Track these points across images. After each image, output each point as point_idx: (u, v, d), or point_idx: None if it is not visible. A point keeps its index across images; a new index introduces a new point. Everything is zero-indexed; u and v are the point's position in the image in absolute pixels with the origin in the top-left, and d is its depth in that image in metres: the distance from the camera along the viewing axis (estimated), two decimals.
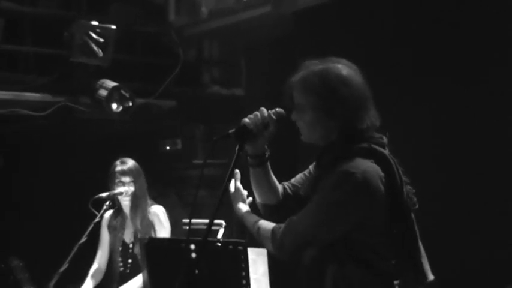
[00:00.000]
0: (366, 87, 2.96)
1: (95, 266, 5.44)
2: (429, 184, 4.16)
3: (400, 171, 2.93)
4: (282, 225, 2.92)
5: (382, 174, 2.86)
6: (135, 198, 5.30)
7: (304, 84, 2.94)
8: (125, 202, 5.33)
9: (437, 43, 5.64)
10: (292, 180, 3.25)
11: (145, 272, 3.88)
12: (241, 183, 3.19)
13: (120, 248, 5.33)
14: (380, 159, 2.90)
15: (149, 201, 5.39)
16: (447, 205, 5.40)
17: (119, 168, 5.31)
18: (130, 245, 5.29)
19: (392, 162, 2.92)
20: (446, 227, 5.36)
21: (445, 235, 5.23)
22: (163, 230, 5.30)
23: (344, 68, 2.95)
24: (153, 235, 5.25)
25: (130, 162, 5.37)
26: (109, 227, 5.44)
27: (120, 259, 5.32)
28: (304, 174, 3.24)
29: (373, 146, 2.92)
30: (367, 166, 2.85)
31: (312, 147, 3.09)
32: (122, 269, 5.30)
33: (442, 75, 5.57)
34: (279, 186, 3.21)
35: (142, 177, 5.38)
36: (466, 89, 5.41)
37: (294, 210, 2.99)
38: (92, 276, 5.40)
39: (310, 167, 3.21)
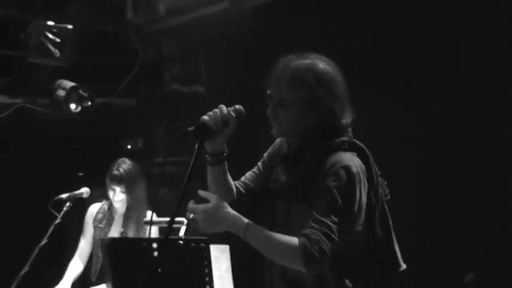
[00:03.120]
0: (346, 84, 3.00)
1: (75, 260, 5.46)
2: (401, 176, 4.20)
3: (375, 163, 3.00)
4: (308, 236, 2.75)
5: (363, 166, 2.92)
6: (128, 207, 5.40)
7: (295, 79, 2.92)
8: (117, 205, 5.36)
9: (404, 35, 5.68)
10: (243, 178, 3.21)
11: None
12: (199, 181, 3.09)
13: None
14: (360, 152, 2.97)
15: (146, 207, 5.44)
16: (416, 196, 5.46)
17: (113, 172, 5.37)
18: None
19: (369, 155, 2.99)
20: (415, 218, 5.41)
21: (413, 225, 5.25)
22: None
23: (330, 65, 2.98)
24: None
25: (125, 167, 5.41)
26: (94, 220, 5.49)
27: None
28: (254, 172, 3.21)
29: (354, 140, 2.99)
30: (357, 160, 2.91)
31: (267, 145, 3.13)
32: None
33: (410, 69, 5.63)
34: (234, 186, 3.17)
35: (138, 186, 5.42)
36: (438, 84, 5.51)
37: (248, 210, 2.98)
38: (71, 270, 5.41)
39: (259, 163, 3.20)
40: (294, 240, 2.75)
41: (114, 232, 5.42)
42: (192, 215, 2.87)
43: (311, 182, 2.88)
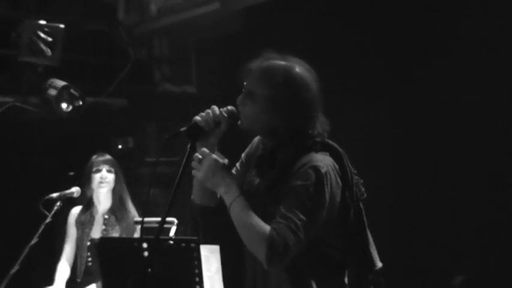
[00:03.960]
0: (320, 94, 2.97)
1: (62, 262, 5.42)
2: (377, 175, 4.23)
3: (349, 162, 2.98)
4: (275, 230, 2.75)
5: (337, 166, 2.91)
6: (116, 189, 5.39)
7: (265, 76, 2.92)
8: (102, 191, 5.35)
9: (389, 41, 5.75)
10: None
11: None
12: (186, 182, 3.04)
13: (88, 244, 5.34)
14: (334, 152, 2.95)
15: (131, 202, 5.46)
16: (395, 195, 5.54)
17: (99, 157, 5.42)
18: None
19: (343, 155, 2.97)
20: (394, 216, 5.51)
21: (393, 224, 5.40)
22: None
23: (306, 72, 2.95)
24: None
25: (109, 156, 5.50)
26: (77, 222, 5.44)
27: (88, 254, 5.32)
28: (233, 174, 3.15)
29: (326, 140, 2.97)
30: (328, 160, 2.90)
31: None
32: (90, 264, 5.31)
33: (392, 73, 5.69)
34: None
35: (120, 171, 5.47)
36: (411, 86, 5.57)
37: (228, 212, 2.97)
38: (61, 273, 5.38)
39: (237, 164, 3.19)
40: (266, 229, 2.76)
41: (96, 232, 5.39)
42: (199, 157, 2.91)
43: (283, 184, 2.87)
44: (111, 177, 5.42)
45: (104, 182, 5.39)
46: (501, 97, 5.17)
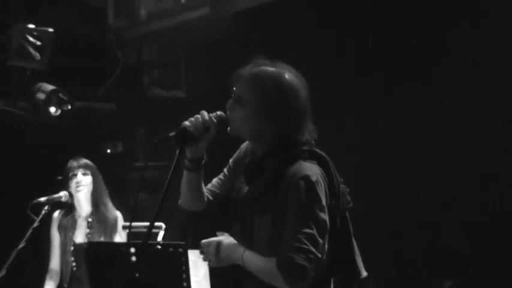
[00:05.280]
0: (309, 101, 2.98)
1: (50, 270, 5.38)
2: (363, 183, 4.21)
3: (336, 171, 2.98)
4: (283, 256, 2.79)
5: (324, 174, 2.92)
6: (94, 191, 5.35)
7: (255, 81, 2.93)
8: (81, 195, 5.31)
9: (380, 45, 5.75)
10: (209, 186, 3.21)
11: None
12: (174, 187, 3.07)
13: (71, 248, 5.30)
14: (321, 161, 2.95)
15: (111, 202, 5.42)
16: (381, 203, 5.53)
17: (73, 162, 5.35)
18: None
19: (330, 163, 2.97)
20: (380, 225, 5.50)
21: (378, 232, 5.38)
22: (123, 238, 5.31)
23: (296, 79, 2.96)
24: (116, 239, 5.26)
25: (85, 159, 5.43)
26: (59, 226, 5.40)
27: (72, 259, 5.27)
28: (221, 179, 3.22)
29: (313, 148, 2.97)
30: (316, 168, 2.90)
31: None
32: (75, 269, 5.26)
33: (384, 77, 5.68)
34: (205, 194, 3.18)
35: (99, 173, 5.44)
36: (403, 92, 5.54)
37: (216, 217, 3.06)
38: (50, 280, 5.35)
39: (225, 169, 3.21)
40: (273, 263, 2.80)
41: (80, 235, 5.35)
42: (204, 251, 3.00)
43: (272, 193, 2.88)
44: (87, 180, 5.37)
45: (80, 186, 5.33)
46: (497, 104, 5.19)
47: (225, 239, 2.98)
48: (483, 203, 5.15)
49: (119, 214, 5.42)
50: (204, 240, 3.00)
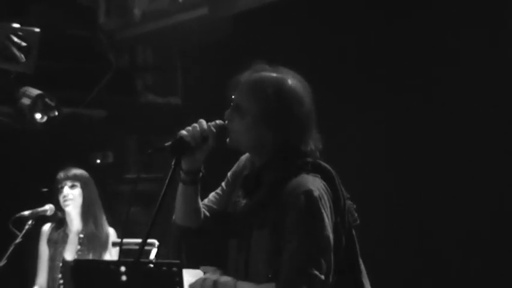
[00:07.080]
0: (313, 108, 2.92)
1: (37, 286, 5.29)
2: (371, 199, 4.27)
3: (342, 186, 2.91)
4: (287, 282, 2.71)
5: (329, 189, 2.84)
6: (84, 205, 5.27)
7: (255, 89, 2.85)
8: (70, 209, 5.23)
9: (381, 45, 5.74)
10: (206, 201, 3.13)
11: None
12: (169, 201, 2.98)
13: (60, 264, 5.21)
14: (326, 174, 2.88)
15: (104, 216, 5.36)
16: (389, 221, 5.49)
17: (61, 174, 5.30)
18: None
19: (335, 177, 2.89)
20: (388, 244, 5.48)
21: (386, 251, 5.36)
22: (113, 256, 5.24)
23: (299, 85, 2.89)
24: (106, 257, 5.22)
25: (76, 169, 5.37)
26: (49, 240, 5.34)
27: (60, 276, 5.20)
28: (218, 194, 3.14)
29: (318, 160, 2.89)
30: (319, 182, 2.82)
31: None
32: (62, 287, 5.19)
33: (385, 81, 5.66)
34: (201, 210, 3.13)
35: (91, 184, 5.38)
36: (405, 96, 5.53)
37: (213, 234, 3.04)
38: None
39: (223, 183, 3.13)
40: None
41: (70, 251, 5.25)
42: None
43: (271, 207, 2.81)
44: (75, 193, 5.28)
45: (67, 200, 5.25)
46: (498, 104, 5.15)
47: (221, 277, 2.90)
48: (484, 219, 5.16)
49: (111, 231, 5.36)
50: (197, 279, 2.95)
